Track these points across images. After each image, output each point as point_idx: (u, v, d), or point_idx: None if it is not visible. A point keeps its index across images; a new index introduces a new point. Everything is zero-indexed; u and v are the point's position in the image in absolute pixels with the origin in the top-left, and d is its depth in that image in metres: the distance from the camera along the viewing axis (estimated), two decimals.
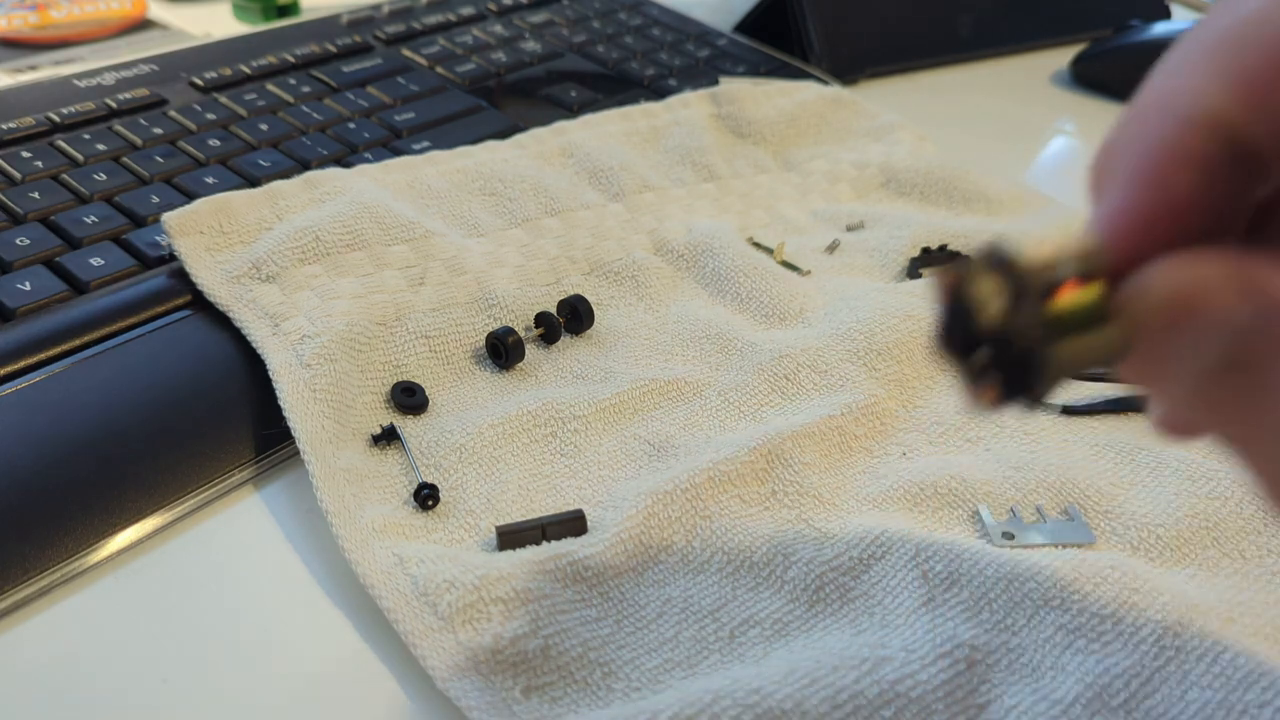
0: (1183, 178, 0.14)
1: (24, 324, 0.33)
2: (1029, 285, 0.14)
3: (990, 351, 0.15)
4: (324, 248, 0.36)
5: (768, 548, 0.28)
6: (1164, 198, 0.14)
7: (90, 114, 0.45)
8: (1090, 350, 0.15)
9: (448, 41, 0.56)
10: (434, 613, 0.26)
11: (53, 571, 0.27)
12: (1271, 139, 0.14)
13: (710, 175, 0.46)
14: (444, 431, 0.32)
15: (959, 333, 0.15)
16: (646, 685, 0.25)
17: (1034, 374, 0.15)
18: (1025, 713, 0.24)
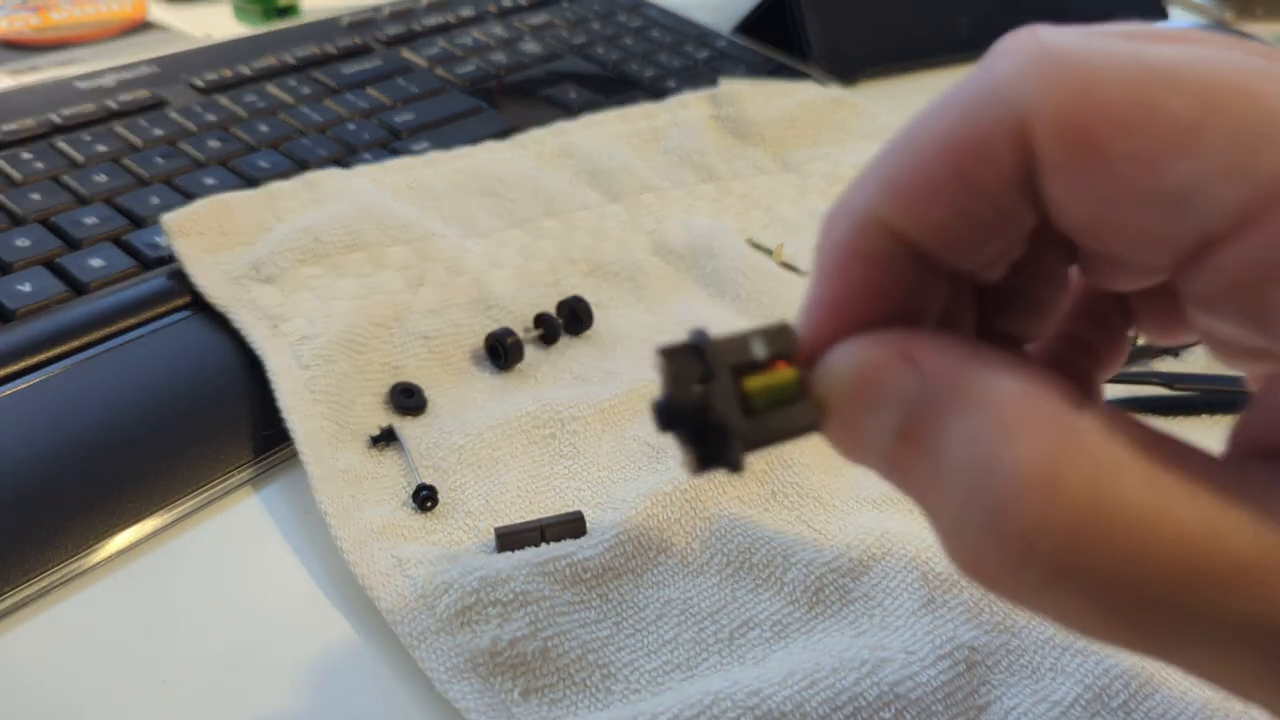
0: (856, 271, 0.16)
1: (24, 325, 0.33)
2: (721, 367, 0.17)
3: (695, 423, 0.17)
4: (323, 249, 0.36)
5: (767, 549, 0.28)
6: (843, 289, 0.17)
7: (90, 115, 0.46)
8: (786, 424, 0.17)
9: (447, 43, 0.56)
10: (433, 614, 0.26)
11: (53, 572, 0.27)
12: (924, 236, 0.16)
13: (710, 176, 0.46)
14: (443, 433, 0.32)
15: (666, 407, 0.17)
16: (646, 687, 0.25)
17: (728, 445, 0.16)
18: (1025, 714, 0.24)
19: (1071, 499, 0.13)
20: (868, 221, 0.16)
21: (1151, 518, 0.13)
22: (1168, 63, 0.14)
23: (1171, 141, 0.13)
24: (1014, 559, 0.14)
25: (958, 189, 0.15)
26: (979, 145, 0.15)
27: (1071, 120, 0.14)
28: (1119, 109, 0.14)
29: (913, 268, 0.16)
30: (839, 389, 0.16)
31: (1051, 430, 0.14)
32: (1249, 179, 0.13)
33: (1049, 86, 0.14)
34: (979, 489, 0.14)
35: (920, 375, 0.15)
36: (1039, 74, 0.14)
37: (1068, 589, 0.14)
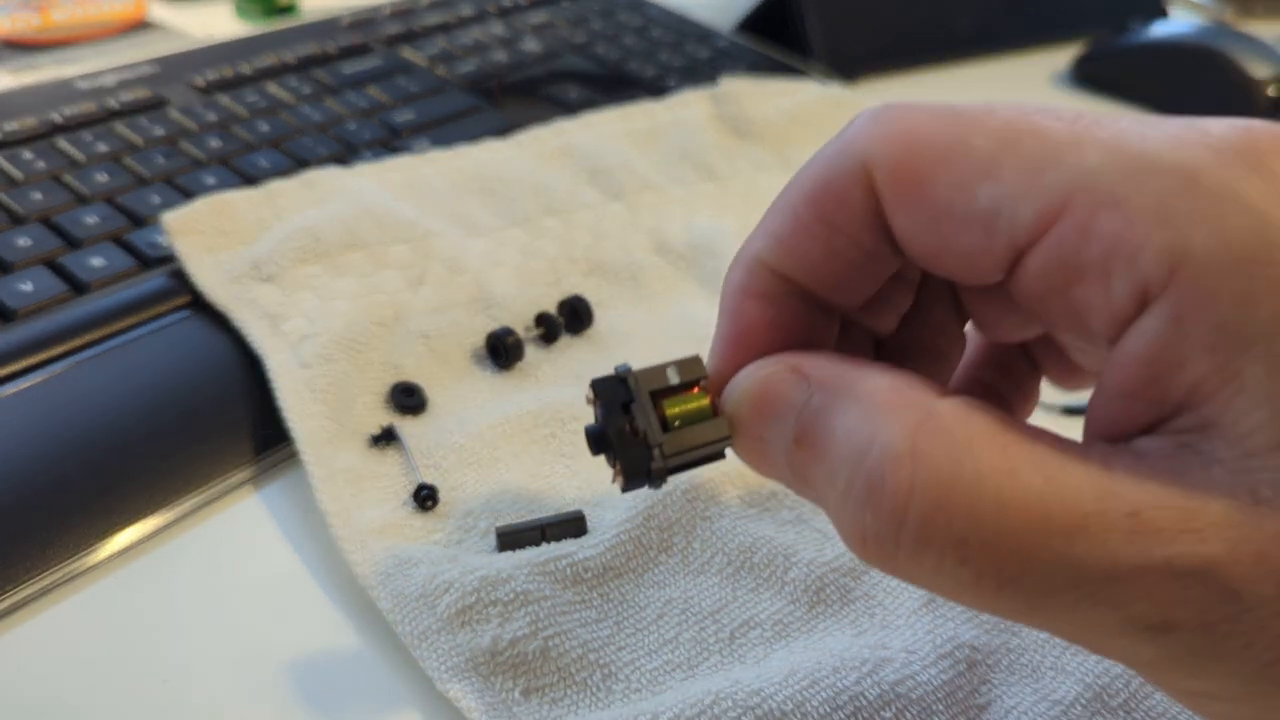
0: (749, 306, 0.19)
1: (25, 324, 0.33)
2: (642, 392, 0.19)
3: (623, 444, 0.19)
4: (323, 248, 0.36)
5: (768, 549, 0.28)
6: (742, 324, 0.20)
7: (91, 115, 0.45)
8: (698, 442, 0.19)
9: (447, 42, 0.56)
10: (433, 614, 0.26)
11: (53, 571, 0.27)
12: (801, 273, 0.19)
13: (710, 175, 0.46)
14: (443, 432, 0.32)
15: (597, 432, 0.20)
16: (646, 687, 0.25)
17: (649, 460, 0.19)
18: (1025, 713, 0.24)
19: (932, 467, 0.15)
20: (755, 264, 0.19)
21: (1003, 480, 0.15)
22: (974, 112, 0.17)
23: (978, 171, 0.16)
24: (890, 526, 0.16)
25: (823, 230, 0.18)
26: (835, 192, 0.18)
27: (901, 161, 0.17)
28: (937, 149, 0.17)
29: (800, 304, 0.19)
30: (743, 404, 0.19)
31: (914, 412, 0.16)
32: (1039, 194, 0.16)
33: (885, 137, 0.17)
34: (858, 468, 0.16)
35: (807, 383, 0.18)
36: (878, 129, 0.17)
37: (940, 551, 0.15)
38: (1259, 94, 0.56)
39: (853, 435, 0.16)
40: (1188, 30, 0.61)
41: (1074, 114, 0.16)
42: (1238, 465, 0.15)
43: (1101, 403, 0.16)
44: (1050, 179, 0.16)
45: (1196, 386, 0.15)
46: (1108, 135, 0.16)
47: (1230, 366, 0.15)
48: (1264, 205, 0.15)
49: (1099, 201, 0.15)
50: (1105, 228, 0.15)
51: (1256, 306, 0.14)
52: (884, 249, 0.18)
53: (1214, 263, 0.15)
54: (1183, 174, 0.15)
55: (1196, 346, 0.15)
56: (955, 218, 0.17)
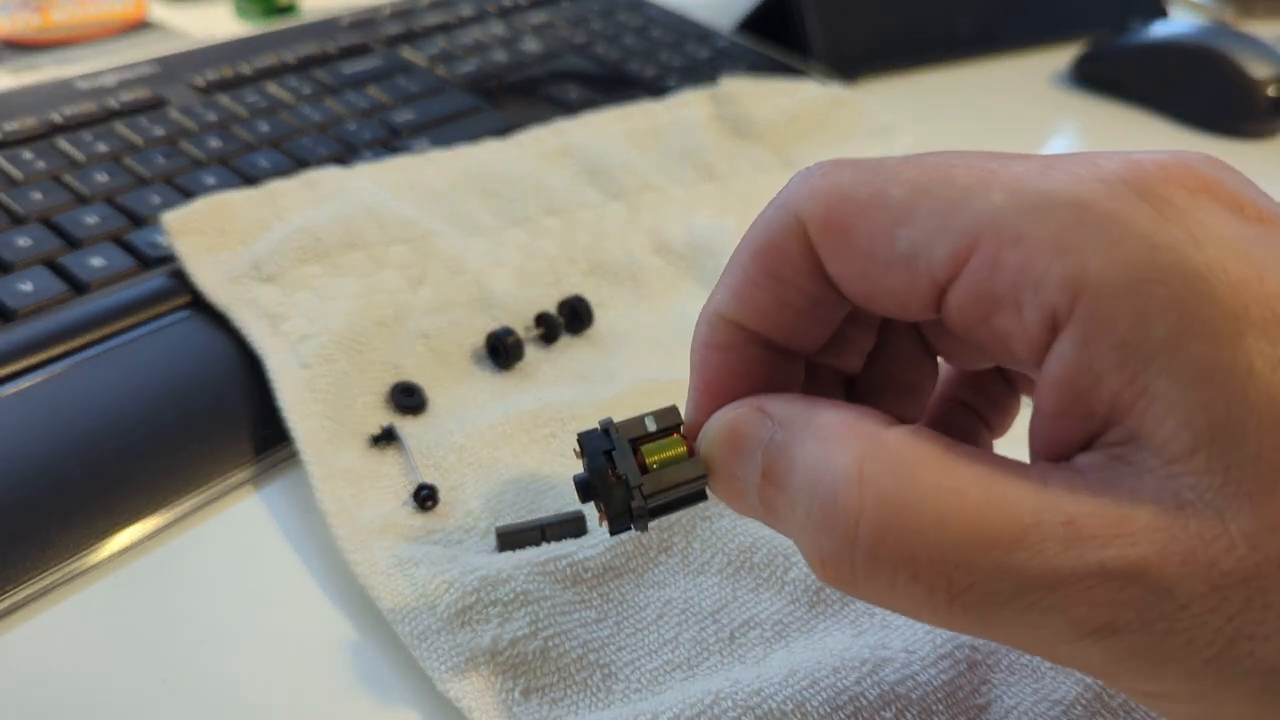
0: (715, 358, 0.21)
1: (25, 324, 0.33)
2: (621, 440, 0.21)
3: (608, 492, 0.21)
4: (323, 248, 0.36)
5: (768, 549, 0.28)
6: (711, 374, 0.21)
7: (91, 115, 0.46)
8: (676, 481, 0.21)
9: (447, 42, 0.56)
10: (433, 614, 0.26)
11: (53, 571, 0.27)
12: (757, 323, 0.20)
13: (710, 175, 0.46)
14: (443, 432, 0.32)
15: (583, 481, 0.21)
16: (646, 687, 0.25)
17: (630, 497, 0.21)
18: (1026, 713, 0.24)
19: (878, 489, 0.17)
20: (716, 319, 0.21)
21: (945, 497, 0.16)
22: (893, 164, 0.18)
23: (895, 218, 0.18)
24: (845, 547, 0.17)
25: (770, 282, 0.20)
26: (776, 246, 0.19)
27: (828, 214, 0.18)
28: (859, 200, 0.18)
29: (762, 351, 0.21)
30: (715, 445, 0.20)
31: (861, 440, 0.17)
32: (950, 236, 0.17)
33: (813, 194, 0.19)
34: (813, 494, 0.17)
35: (771, 421, 0.19)
36: (807, 187, 0.19)
37: (892, 568, 0.16)
38: (1259, 94, 0.56)
39: (809, 465, 0.18)
40: (1188, 30, 0.61)
41: (984, 158, 0.18)
42: (1163, 472, 0.15)
43: (1039, 424, 0.17)
44: (959, 221, 0.17)
45: (1115, 401, 0.16)
46: (1010, 177, 0.17)
47: (1138, 381, 0.16)
48: (1151, 230, 0.16)
49: (1003, 238, 0.17)
50: (1010, 261, 0.16)
51: (1151, 324, 0.15)
52: (829, 295, 0.20)
53: (1110, 287, 0.16)
54: (1077, 207, 0.16)
55: (1106, 365, 0.16)
56: (879, 262, 0.18)
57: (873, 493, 0.17)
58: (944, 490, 0.16)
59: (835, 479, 0.17)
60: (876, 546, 0.16)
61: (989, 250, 0.17)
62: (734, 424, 0.20)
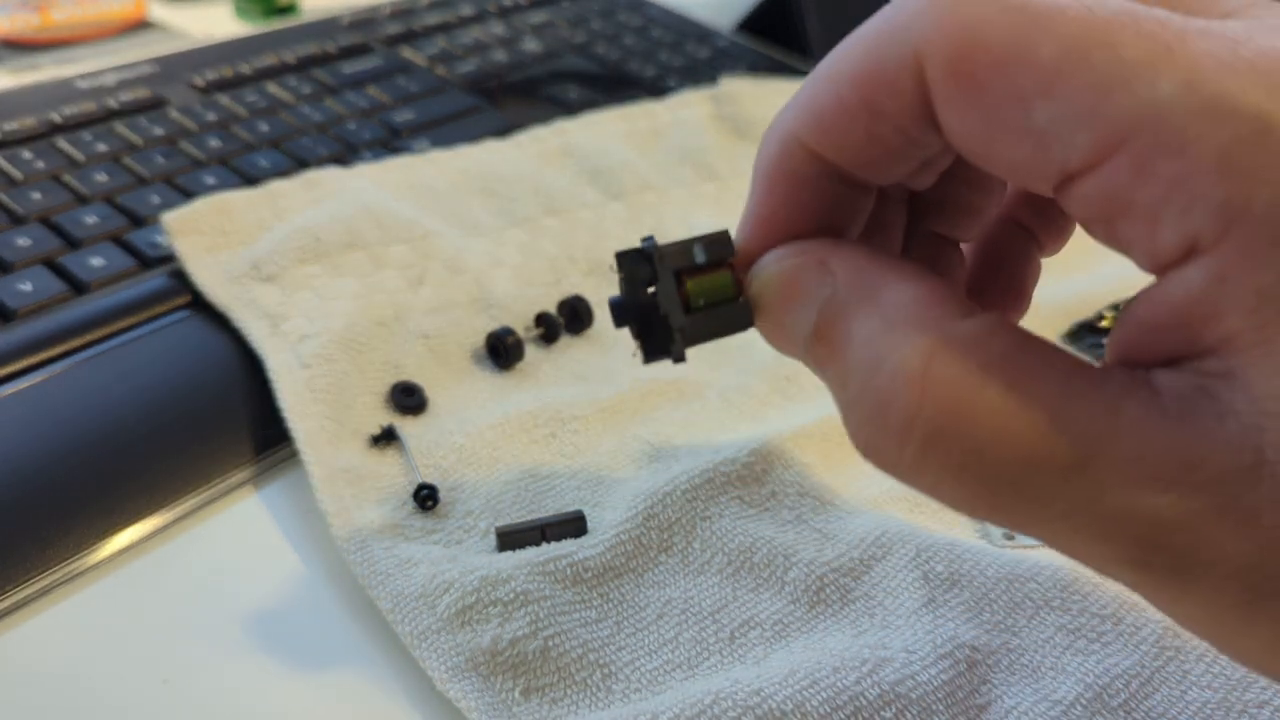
0: (783, 188, 0.19)
1: (25, 324, 0.33)
2: (665, 269, 0.19)
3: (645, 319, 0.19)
4: (323, 248, 0.36)
5: (768, 549, 0.28)
6: (773, 203, 0.19)
7: (91, 114, 0.45)
8: (721, 318, 0.19)
9: (447, 42, 0.56)
10: (433, 614, 0.26)
11: (53, 571, 0.27)
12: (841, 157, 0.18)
13: (711, 175, 0.46)
14: (443, 432, 0.32)
15: (620, 305, 0.20)
16: (646, 687, 0.25)
17: (671, 338, 0.19)
18: (1025, 713, 0.24)
19: (939, 393, 0.15)
20: (792, 143, 0.18)
21: (1010, 415, 0.15)
22: (1046, 8, 0.15)
23: (1038, 84, 0.15)
24: (894, 442, 0.16)
25: (867, 116, 0.17)
26: (883, 78, 0.17)
27: (957, 59, 0.16)
28: (997, 50, 0.15)
29: (835, 185, 0.19)
30: (768, 289, 0.19)
31: (930, 334, 0.16)
32: (1099, 123, 0.15)
33: (940, 28, 0.16)
34: (868, 381, 0.16)
35: (834, 280, 0.18)
36: (933, 16, 0.16)
37: (938, 470, 0.16)
38: None
39: (869, 344, 0.16)
40: None
41: (1163, 21, 0.15)
42: (1251, 421, 0.14)
43: (1128, 329, 0.16)
44: (1114, 108, 0.15)
45: (1228, 339, 0.15)
46: (1189, 59, 0.14)
47: (1267, 329, 0.14)
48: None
49: (1161, 143, 0.14)
50: (1164, 172, 0.14)
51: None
52: (930, 138, 0.17)
53: (1271, 226, 0.14)
54: (1259, 121, 0.14)
55: (1236, 306, 0.14)
56: (1008, 130, 0.16)
57: (934, 397, 0.16)
58: (1008, 406, 0.15)
59: (896, 372, 0.16)
60: (927, 451, 0.16)
61: (1142, 151, 0.14)
62: (791, 273, 0.18)
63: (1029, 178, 0.16)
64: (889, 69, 0.17)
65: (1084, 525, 0.15)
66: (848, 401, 0.17)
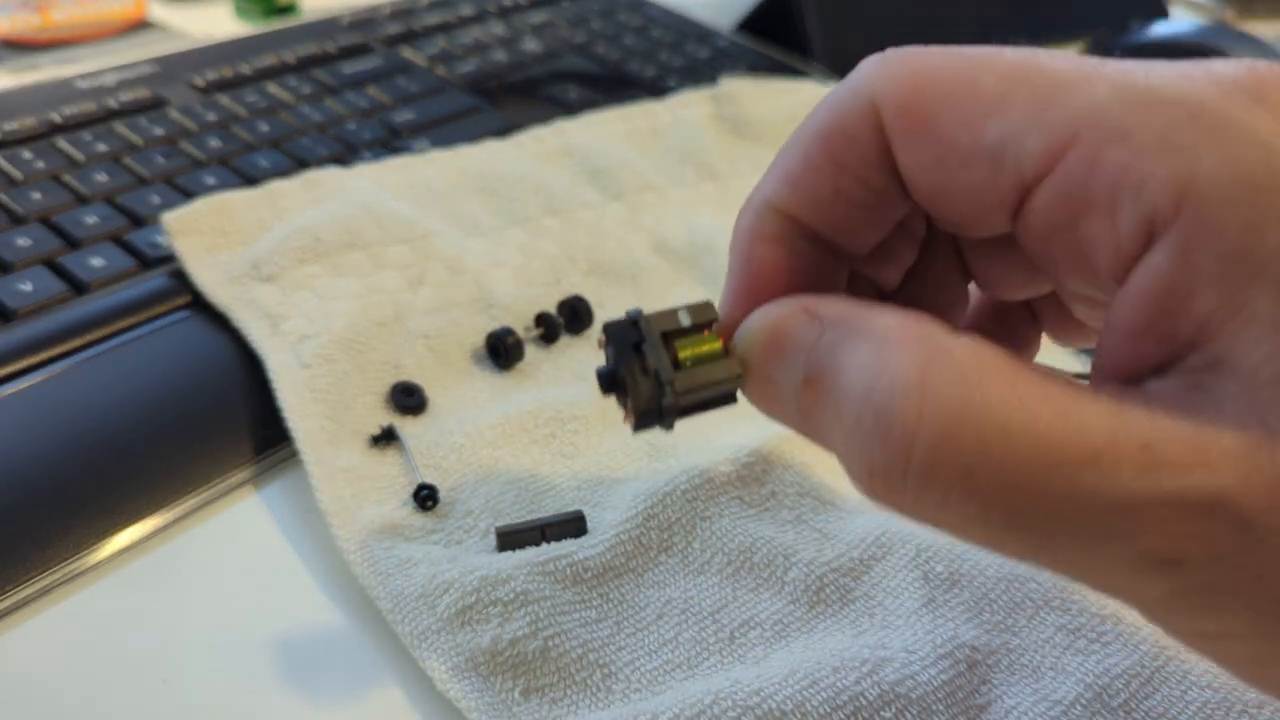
0: (760, 250, 0.20)
1: (25, 324, 0.33)
2: (653, 333, 0.19)
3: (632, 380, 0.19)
4: (323, 248, 0.36)
5: (768, 549, 0.28)
6: (753, 268, 0.20)
7: (91, 114, 0.45)
8: (708, 381, 0.19)
9: (447, 42, 0.56)
10: (433, 614, 0.26)
11: (53, 571, 0.27)
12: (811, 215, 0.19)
13: (711, 175, 0.46)
14: (443, 432, 0.32)
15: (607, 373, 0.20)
16: (646, 687, 0.25)
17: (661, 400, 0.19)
18: (1025, 713, 0.24)
19: (941, 399, 0.15)
20: (766, 209, 0.19)
21: (1012, 412, 0.15)
22: (982, 54, 0.17)
23: (986, 107, 0.16)
24: (898, 458, 0.16)
25: (833, 170, 0.18)
26: (844, 132, 0.18)
27: (909, 99, 0.17)
28: (944, 86, 0.17)
29: (810, 248, 0.20)
30: (755, 345, 0.19)
31: (924, 346, 0.16)
32: (1047, 129, 0.16)
33: (891, 77, 0.17)
34: (866, 401, 0.16)
35: (819, 324, 0.18)
36: (885, 70, 0.18)
37: (947, 483, 0.15)
38: None
39: (863, 369, 0.16)
40: (1188, 30, 0.61)
41: (1080, 58, 0.17)
42: (1248, 399, 0.14)
43: (1110, 344, 0.16)
44: (1058, 114, 0.16)
45: (1205, 321, 0.15)
46: (1114, 72, 0.16)
47: (1238, 297, 0.14)
48: (1269, 137, 0.15)
49: (1106, 134, 0.15)
50: (1112, 158, 0.15)
51: (1263, 235, 0.14)
52: (891, 189, 0.18)
53: (1220, 192, 0.14)
54: (1189, 106, 0.15)
55: (1204, 279, 0.15)
56: (962, 154, 0.17)
57: (934, 402, 0.15)
58: (1010, 405, 0.15)
59: (893, 385, 0.16)
60: (933, 459, 0.15)
61: (1089, 146, 0.15)
62: (777, 323, 0.18)
63: (987, 203, 0.17)
64: (848, 123, 0.18)
65: (1103, 527, 0.15)
66: (846, 434, 0.17)
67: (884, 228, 0.20)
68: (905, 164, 0.18)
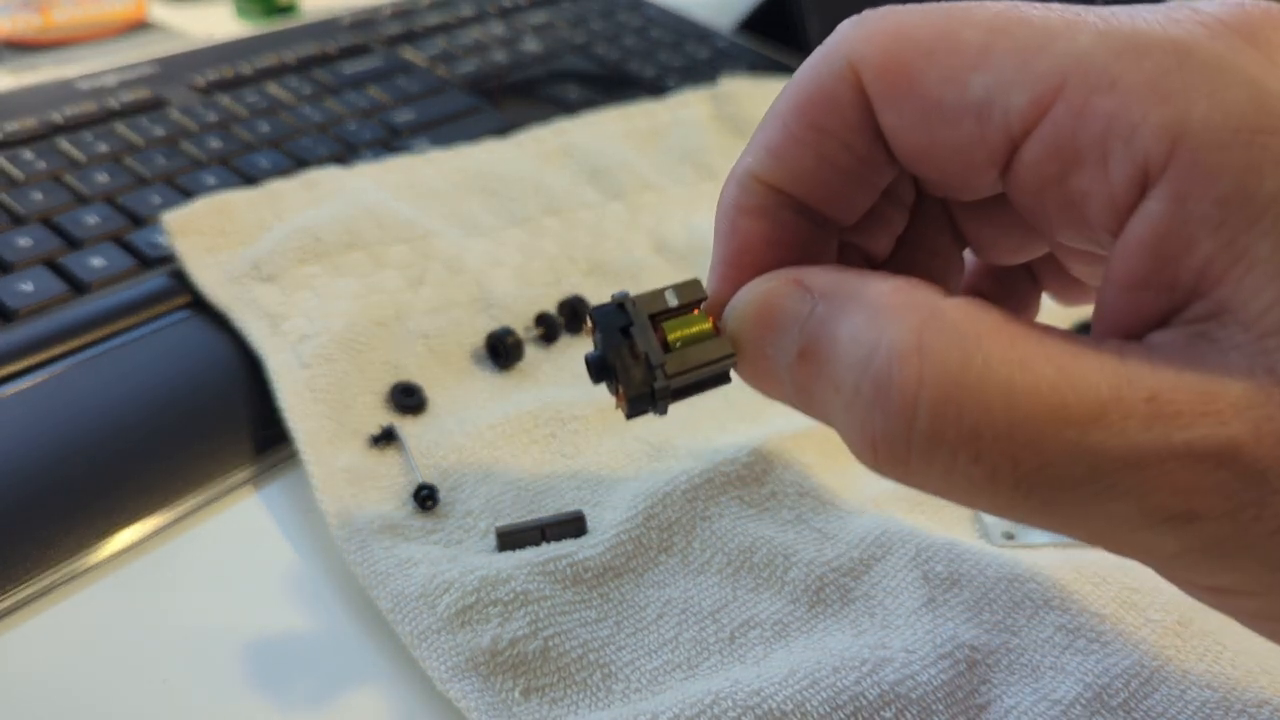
0: (744, 224, 0.19)
1: (25, 324, 0.33)
2: (640, 315, 0.19)
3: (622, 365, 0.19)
4: (323, 248, 0.36)
5: (768, 549, 0.28)
6: (739, 242, 0.19)
7: (91, 115, 0.46)
8: (700, 361, 0.19)
9: (448, 42, 0.56)
10: (433, 614, 0.26)
11: (53, 571, 0.27)
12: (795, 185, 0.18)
13: (710, 175, 0.46)
14: (443, 432, 0.32)
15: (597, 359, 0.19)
16: (646, 687, 0.25)
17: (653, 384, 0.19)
18: (1025, 713, 0.24)
19: (940, 361, 0.15)
20: (749, 180, 0.19)
21: (1013, 371, 0.15)
22: (961, 8, 0.16)
23: (969, 61, 0.16)
24: (901, 424, 0.15)
25: (815, 137, 0.18)
26: (824, 96, 0.18)
27: (888, 57, 0.17)
28: (925, 42, 0.16)
29: (797, 219, 0.19)
30: (745, 321, 0.18)
31: (919, 310, 0.16)
32: (1033, 80, 0.15)
33: (869, 39, 0.17)
34: (864, 370, 0.16)
35: (811, 296, 0.17)
36: (862, 31, 0.17)
37: (952, 447, 0.15)
38: None
39: (858, 338, 0.16)
40: None
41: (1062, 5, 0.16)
42: (1254, 347, 0.14)
43: (1110, 298, 0.16)
44: (1043, 64, 0.15)
45: (1205, 269, 0.14)
46: (1098, 19, 0.15)
47: (1238, 243, 0.14)
48: (1261, 76, 0.14)
49: (1093, 82, 0.15)
50: (1101, 107, 0.15)
51: (1261, 178, 0.14)
52: (876, 153, 0.18)
53: (1214, 135, 0.14)
54: (1177, 49, 0.15)
55: (1202, 225, 0.14)
56: (947, 110, 0.16)
57: (934, 366, 0.15)
58: (1012, 364, 0.15)
59: (890, 352, 0.15)
60: (936, 424, 0.15)
61: (1076, 95, 0.15)
62: (767, 297, 0.18)
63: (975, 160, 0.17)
64: (827, 87, 0.17)
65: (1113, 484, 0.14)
66: (845, 405, 0.16)
67: (871, 194, 0.19)
68: (889, 125, 0.17)
